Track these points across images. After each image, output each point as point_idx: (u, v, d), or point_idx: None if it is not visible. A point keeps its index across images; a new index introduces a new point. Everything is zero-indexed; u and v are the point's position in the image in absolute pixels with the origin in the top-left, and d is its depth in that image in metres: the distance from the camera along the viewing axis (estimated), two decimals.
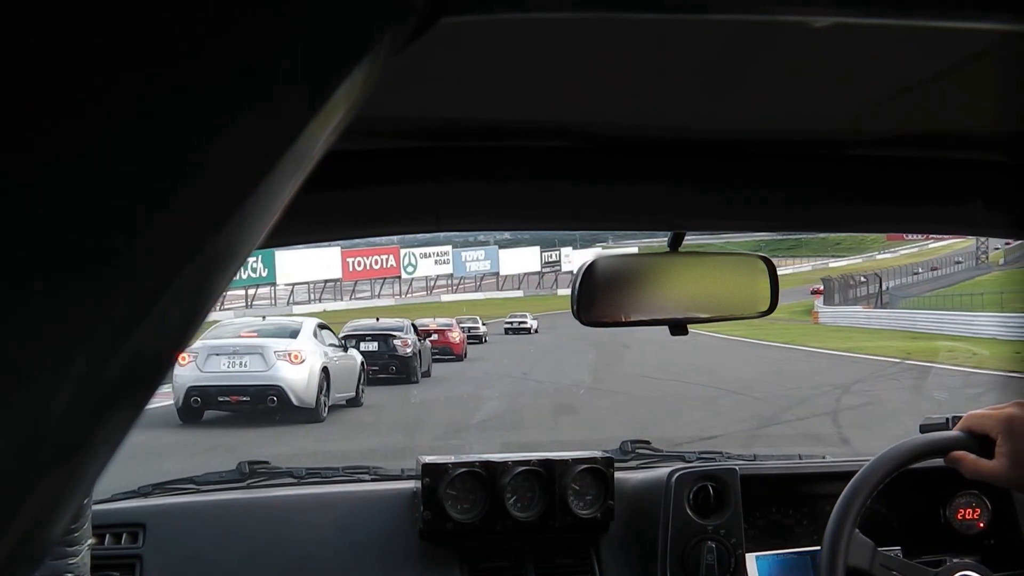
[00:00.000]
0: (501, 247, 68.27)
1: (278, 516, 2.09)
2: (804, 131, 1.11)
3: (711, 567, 2.05)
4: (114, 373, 0.27)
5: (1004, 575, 1.96)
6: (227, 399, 12.44)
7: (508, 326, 36.17)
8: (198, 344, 12.66)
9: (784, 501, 2.18)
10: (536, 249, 71.62)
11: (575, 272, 1.47)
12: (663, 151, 1.14)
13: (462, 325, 27.82)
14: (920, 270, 50.29)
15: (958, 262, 60.00)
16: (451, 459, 2.10)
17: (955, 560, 1.71)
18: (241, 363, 12.63)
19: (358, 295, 53.91)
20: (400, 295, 58.33)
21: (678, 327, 1.48)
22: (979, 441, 1.50)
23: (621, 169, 1.15)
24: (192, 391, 12.25)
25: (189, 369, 12.30)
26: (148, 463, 5.79)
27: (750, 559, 2.10)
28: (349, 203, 1.12)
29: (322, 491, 2.24)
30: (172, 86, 0.27)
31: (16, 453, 0.25)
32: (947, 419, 1.64)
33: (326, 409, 12.79)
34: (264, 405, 12.40)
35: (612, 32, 0.74)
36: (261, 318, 15.84)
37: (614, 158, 1.15)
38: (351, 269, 52.58)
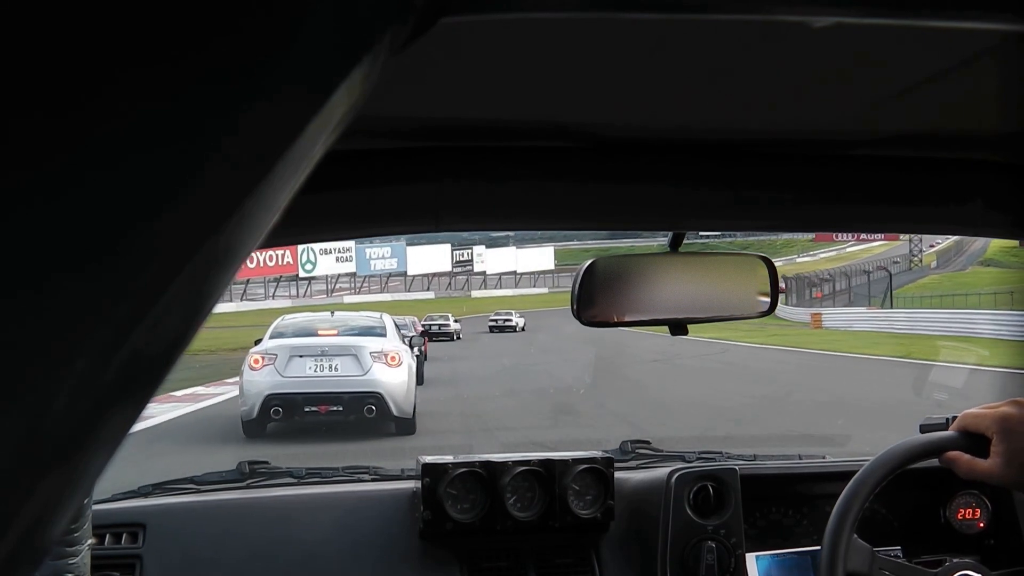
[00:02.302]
0: (409, 244, 61.82)
1: (278, 516, 2.09)
2: (804, 131, 1.11)
3: (711, 567, 2.05)
4: (114, 373, 0.27)
5: (1004, 574, 1.96)
6: (315, 409, 10.21)
7: (493, 324, 36.44)
8: (272, 344, 10.77)
9: (784, 501, 2.18)
10: (447, 247, 65.23)
11: (576, 272, 1.47)
12: (663, 151, 1.14)
13: (432, 323, 28.99)
14: (872, 270, 50.02)
15: (896, 262, 60.03)
16: (451, 459, 2.10)
17: (955, 560, 1.71)
18: (332, 366, 10.44)
19: (250, 296, 49.31)
20: (298, 296, 53.18)
21: (678, 327, 1.48)
22: (974, 441, 1.49)
23: (621, 169, 1.15)
24: (272, 400, 10.04)
25: (266, 373, 10.20)
26: None
27: (750, 559, 2.10)
28: (349, 203, 1.13)
29: (322, 491, 2.24)
30: (171, 86, 0.27)
31: (16, 453, 0.25)
32: (947, 419, 1.64)
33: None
34: (359, 416, 10.24)
35: (612, 32, 0.74)
36: (329, 313, 12.90)
37: (614, 158, 1.15)
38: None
